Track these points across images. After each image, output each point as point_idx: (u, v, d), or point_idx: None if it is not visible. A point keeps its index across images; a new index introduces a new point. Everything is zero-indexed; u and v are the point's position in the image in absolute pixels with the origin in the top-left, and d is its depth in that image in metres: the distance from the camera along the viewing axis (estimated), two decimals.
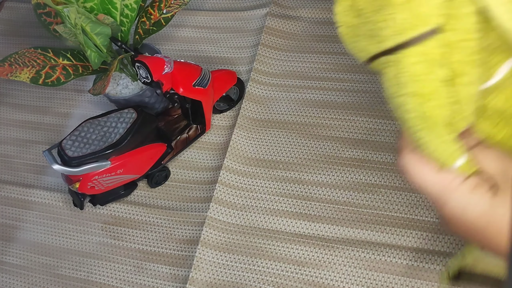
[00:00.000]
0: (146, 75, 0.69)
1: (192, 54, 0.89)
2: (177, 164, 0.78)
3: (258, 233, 0.69)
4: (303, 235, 0.68)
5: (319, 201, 0.70)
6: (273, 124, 0.78)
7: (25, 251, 0.75)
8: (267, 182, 0.73)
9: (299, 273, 0.65)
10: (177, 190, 0.76)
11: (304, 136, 0.76)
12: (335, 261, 0.65)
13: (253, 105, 0.80)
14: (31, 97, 0.93)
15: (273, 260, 0.67)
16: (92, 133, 0.70)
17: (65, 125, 0.88)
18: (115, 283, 0.70)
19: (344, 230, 0.67)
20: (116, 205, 0.76)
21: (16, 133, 0.89)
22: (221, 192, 0.72)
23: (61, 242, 0.75)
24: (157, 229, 0.73)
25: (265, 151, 0.76)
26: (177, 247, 0.71)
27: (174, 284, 0.68)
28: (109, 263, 0.72)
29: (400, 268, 0.63)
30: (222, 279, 0.67)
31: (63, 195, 0.79)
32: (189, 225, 0.72)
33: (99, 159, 0.68)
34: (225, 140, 0.78)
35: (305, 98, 0.80)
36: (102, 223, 0.75)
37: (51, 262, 0.74)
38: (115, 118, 0.71)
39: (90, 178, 0.69)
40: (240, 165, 0.75)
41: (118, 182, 0.72)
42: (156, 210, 0.75)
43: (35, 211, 0.79)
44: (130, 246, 0.73)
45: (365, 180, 0.70)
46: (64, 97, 0.91)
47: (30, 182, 0.82)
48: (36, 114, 0.90)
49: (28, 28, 1.03)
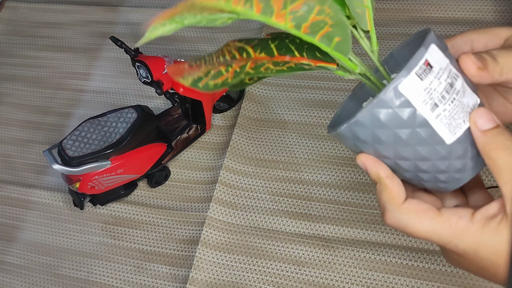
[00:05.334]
0: (146, 74, 0.69)
1: (192, 54, 0.89)
2: (177, 164, 0.78)
3: (258, 233, 0.69)
4: (303, 235, 0.68)
5: (319, 201, 0.70)
6: (273, 124, 0.78)
7: (25, 251, 0.76)
8: (267, 182, 0.73)
9: (299, 273, 0.65)
10: (177, 190, 0.76)
11: (304, 136, 0.76)
12: (335, 261, 0.65)
13: (253, 105, 0.80)
14: (31, 97, 0.93)
15: (273, 260, 0.67)
16: (92, 133, 0.70)
17: (65, 125, 0.88)
18: (115, 283, 0.70)
19: (344, 230, 0.67)
20: (116, 205, 0.76)
21: (16, 132, 0.89)
22: (221, 192, 0.72)
23: (61, 242, 0.75)
24: (157, 229, 0.73)
25: (265, 151, 0.76)
26: (177, 247, 0.71)
27: (174, 284, 0.68)
28: (109, 263, 0.72)
29: (400, 268, 0.63)
30: (222, 279, 0.67)
31: (63, 195, 0.79)
32: (189, 225, 0.72)
33: (99, 159, 0.68)
34: (225, 140, 0.78)
35: (305, 98, 0.80)
36: (102, 223, 0.75)
37: (51, 262, 0.74)
38: (115, 118, 0.71)
39: (90, 178, 0.69)
40: (240, 165, 0.75)
41: (118, 182, 0.72)
42: (156, 210, 0.75)
43: (35, 211, 0.79)
44: (130, 246, 0.73)
45: (365, 180, 0.70)
46: (64, 97, 0.91)
47: (30, 182, 0.82)
48: (37, 114, 0.90)
49: (28, 27, 1.03)
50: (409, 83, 0.35)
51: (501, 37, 0.41)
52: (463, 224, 0.35)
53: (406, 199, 0.37)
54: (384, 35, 0.84)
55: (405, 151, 0.37)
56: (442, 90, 0.35)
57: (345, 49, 0.35)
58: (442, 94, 0.35)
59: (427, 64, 0.35)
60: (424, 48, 0.35)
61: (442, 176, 0.38)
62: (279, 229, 0.69)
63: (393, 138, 0.36)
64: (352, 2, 0.37)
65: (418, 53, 0.35)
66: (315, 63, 0.37)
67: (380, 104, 0.35)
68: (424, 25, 0.83)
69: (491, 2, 0.82)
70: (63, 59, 0.97)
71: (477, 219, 0.35)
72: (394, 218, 0.37)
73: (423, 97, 0.35)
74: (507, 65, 0.37)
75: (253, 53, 0.38)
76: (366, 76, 0.39)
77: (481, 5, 0.82)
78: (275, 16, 0.32)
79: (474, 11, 0.82)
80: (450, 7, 0.84)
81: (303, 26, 0.33)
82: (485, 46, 0.41)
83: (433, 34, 0.36)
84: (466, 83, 0.37)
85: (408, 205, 0.37)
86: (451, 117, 0.36)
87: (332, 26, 0.33)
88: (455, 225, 0.36)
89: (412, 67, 0.35)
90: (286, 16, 0.32)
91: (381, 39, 0.84)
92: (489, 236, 0.35)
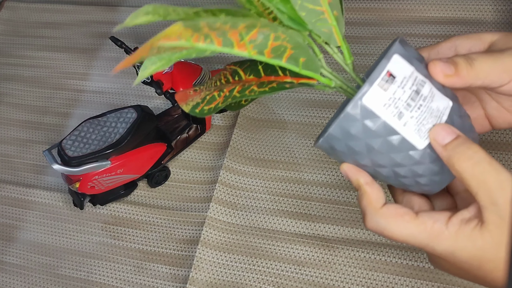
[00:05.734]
0: None
1: None
2: (177, 164, 0.78)
3: (258, 233, 0.69)
4: (303, 235, 0.68)
5: (319, 201, 0.70)
6: (273, 124, 0.78)
7: (24, 251, 0.75)
8: (267, 182, 0.73)
9: (299, 273, 0.65)
10: (177, 190, 0.76)
11: (304, 136, 0.76)
12: (335, 261, 0.65)
13: (253, 105, 0.80)
14: (31, 97, 0.93)
15: (273, 260, 0.67)
16: (92, 133, 0.70)
17: (65, 125, 0.88)
18: (115, 283, 0.70)
19: (344, 230, 0.67)
20: (116, 205, 0.76)
21: (16, 132, 0.89)
22: (221, 192, 0.72)
23: (61, 242, 0.75)
24: (157, 229, 0.73)
25: (265, 151, 0.76)
26: (177, 247, 0.71)
27: (174, 284, 0.68)
28: (109, 263, 0.72)
29: (400, 268, 0.63)
30: (222, 279, 0.67)
31: (63, 195, 0.79)
32: (189, 225, 0.72)
33: (99, 159, 0.68)
34: (225, 140, 0.78)
35: (305, 98, 0.80)
36: (102, 223, 0.75)
37: (51, 262, 0.74)
38: (115, 118, 0.71)
39: (90, 178, 0.69)
40: (240, 165, 0.75)
41: (118, 182, 0.72)
42: (156, 210, 0.75)
43: (35, 211, 0.79)
44: (130, 246, 0.73)
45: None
46: (64, 97, 0.91)
47: (30, 182, 0.82)
48: (36, 114, 0.90)
49: (28, 28, 1.03)
50: (372, 95, 0.36)
51: (485, 41, 0.41)
52: (438, 227, 0.36)
53: (385, 204, 0.39)
54: (384, 35, 0.84)
55: (380, 159, 0.38)
56: (407, 98, 0.36)
57: (313, 67, 0.37)
58: (408, 102, 0.36)
59: (389, 75, 0.36)
60: (386, 59, 0.36)
61: (421, 179, 0.39)
62: (279, 229, 0.69)
63: (366, 148, 0.37)
64: (315, 25, 0.38)
65: (380, 65, 0.36)
66: (297, 81, 0.39)
67: (347, 118, 0.36)
68: (424, 25, 0.83)
69: (491, 2, 0.82)
70: (63, 59, 0.97)
71: (452, 223, 0.36)
72: (372, 222, 0.39)
73: (388, 107, 0.36)
74: (483, 70, 0.37)
75: (244, 76, 0.40)
76: (343, 88, 0.40)
77: (481, 5, 0.83)
78: (236, 47, 0.33)
79: (474, 11, 0.82)
80: (450, 7, 0.84)
81: (266, 52, 0.34)
82: (468, 51, 0.42)
83: (398, 44, 0.37)
84: (436, 87, 0.37)
85: (386, 210, 0.38)
86: (419, 123, 0.36)
87: (293, 48, 0.35)
88: (430, 229, 0.36)
89: (374, 80, 0.36)
90: (247, 45, 0.33)
91: (381, 38, 0.84)
92: (464, 241, 0.35)
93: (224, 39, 0.32)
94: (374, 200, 0.39)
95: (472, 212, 0.36)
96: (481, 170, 0.35)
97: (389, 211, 0.38)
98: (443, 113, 0.37)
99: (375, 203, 0.39)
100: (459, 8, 0.83)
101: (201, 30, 0.31)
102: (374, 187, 0.39)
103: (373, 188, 0.39)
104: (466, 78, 0.37)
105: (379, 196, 0.39)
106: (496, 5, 0.82)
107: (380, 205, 0.38)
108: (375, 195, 0.39)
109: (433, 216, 0.37)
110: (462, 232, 0.35)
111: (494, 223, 0.34)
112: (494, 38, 0.41)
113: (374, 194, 0.39)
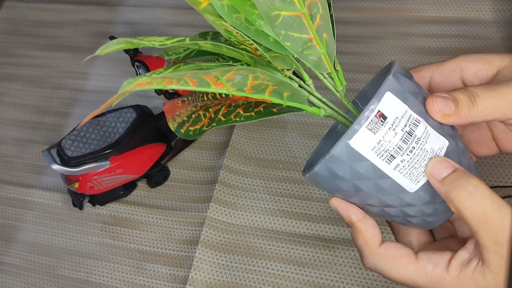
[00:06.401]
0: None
1: None
2: (177, 164, 0.78)
3: (258, 233, 0.69)
4: (303, 235, 0.68)
5: (319, 201, 0.70)
6: (273, 124, 0.78)
7: (24, 251, 0.75)
8: (267, 182, 0.73)
9: (299, 273, 0.65)
10: (177, 190, 0.76)
11: (304, 136, 0.76)
12: (335, 261, 0.65)
13: None
14: (30, 97, 0.93)
15: (273, 260, 0.67)
16: (91, 133, 0.70)
17: (64, 125, 0.87)
18: (114, 283, 0.70)
19: (344, 230, 0.67)
20: (116, 205, 0.76)
21: (15, 132, 0.89)
22: (221, 192, 0.72)
23: (60, 242, 0.75)
24: (157, 229, 0.73)
25: (265, 151, 0.76)
26: (177, 248, 0.71)
27: (174, 284, 0.68)
28: (109, 263, 0.72)
29: None
30: (222, 279, 0.66)
31: (63, 195, 0.78)
32: (189, 225, 0.72)
33: (98, 159, 0.68)
34: (225, 140, 0.78)
35: None
36: (101, 223, 0.75)
37: (50, 263, 0.74)
38: (114, 117, 0.71)
39: (90, 178, 0.69)
40: (240, 164, 0.75)
41: (118, 182, 0.72)
42: (155, 210, 0.74)
43: (34, 211, 0.78)
44: (130, 247, 0.72)
45: None
46: (63, 96, 0.91)
47: (29, 182, 0.82)
48: (35, 114, 0.90)
49: (27, 27, 1.03)
50: (360, 138, 0.33)
51: (493, 65, 0.39)
52: (439, 273, 0.35)
53: (382, 243, 0.37)
54: (383, 34, 0.84)
55: (369, 199, 0.36)
56: (398, 141, 0.34)
57: (299, 99, 0.35)
58: (399, 145, 0.34)
59: (380, 115, 0.33)
60: (376, 99, 0.33)
61: (413, 219, 0.37)
62: (279, 229, 0.69)
63: (353, 188, 0.35)
64: (302, 54, 0.36)
65: (369, 105, 0.33)
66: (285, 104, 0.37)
67: (334, 160, 0.34)
68: (424, 25, 0.83)
69: (491, 2, 0.82)
70: (62, 59, 0.96)
71: (453, 267, 0.35)
72: (370, 263, 0.37)
73: (377, 150, 0.34)
74: (486, 108, 0.34)
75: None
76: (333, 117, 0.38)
77: (481, 4, 0.82)
78: (214, 86, 0.31)
79: (474, 11, 0.82)
80: (450, 6, 0.84)
81: (246, 90, 0.33)
82: (475, 74, 0.39)
83: (391, 78, 0.34)
84: (432, 125, 0.35)
85: (384, 250, 0.37)
86: (411, 167, 0.34)
87: (276, 85, 0.33)
88: (431, 274, 0.35)
89: (362, 122, 0.33)
90: (224, 84, 0.32)
91: (381, 38, 0.83)
92: (466, 284, 0.34)
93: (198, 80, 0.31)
94: (370, 239, 0.37)
95: (470, 250, 0.35)
96: (483, 209, 0.33)
97: (387, 252, 0.36)
98: (438, 154, 0.35)
99: (371, 242, 0.37)
100: (459, 8, 0.83)
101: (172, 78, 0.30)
102: (367, 224, 0.37)
103: (367, 225, 0.37)
104: (467, 117, 0.34)
105: (374, 233, 0.37)
106: (496, 5, 0.82)
107: (377, 244, 0.37)
108: (369, 233, 0.37)
109: (434, 260, 0.35)
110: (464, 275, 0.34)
111: (496, 263, 0.33)
112: (503, 64, 0.38)
113: (369, 232, 0.37)
